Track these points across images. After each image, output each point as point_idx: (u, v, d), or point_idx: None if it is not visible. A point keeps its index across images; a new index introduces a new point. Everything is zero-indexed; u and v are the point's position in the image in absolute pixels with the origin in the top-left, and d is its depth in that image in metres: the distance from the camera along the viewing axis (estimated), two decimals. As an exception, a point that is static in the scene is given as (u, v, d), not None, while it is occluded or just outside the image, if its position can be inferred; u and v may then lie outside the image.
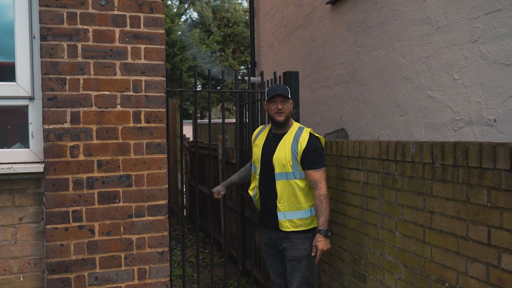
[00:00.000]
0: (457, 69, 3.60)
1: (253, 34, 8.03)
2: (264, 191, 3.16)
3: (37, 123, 2.60)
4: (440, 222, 2.40)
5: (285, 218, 3.04)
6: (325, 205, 2.96)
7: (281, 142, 3.09)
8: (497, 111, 3.28)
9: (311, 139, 3.05)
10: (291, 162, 3.01)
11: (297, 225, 3.05)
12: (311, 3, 5.95)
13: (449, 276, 2.35)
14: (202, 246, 6.81)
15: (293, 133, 3.11)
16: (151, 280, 2.69)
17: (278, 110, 3.06)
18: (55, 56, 2.51)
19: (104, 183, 2.60)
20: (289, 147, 3.04)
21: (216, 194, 3.40)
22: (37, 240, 2.56)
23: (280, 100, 3.06)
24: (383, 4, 4.46)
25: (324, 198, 2.97)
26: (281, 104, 3.06)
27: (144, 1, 2.64)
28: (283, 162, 3.03)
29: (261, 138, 3.27)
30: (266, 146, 3.17)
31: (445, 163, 2.37)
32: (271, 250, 3.23)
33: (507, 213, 2.01)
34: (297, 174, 3.04)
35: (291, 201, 3.04)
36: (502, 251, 2.04)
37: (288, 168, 3.02)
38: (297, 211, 3.06)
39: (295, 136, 3.08)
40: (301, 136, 3.06)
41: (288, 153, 3.03)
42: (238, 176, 3.52)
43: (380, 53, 4.53)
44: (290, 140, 3.06)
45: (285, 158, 3.02)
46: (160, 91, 2.70)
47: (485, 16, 3.34)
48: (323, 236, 2.95)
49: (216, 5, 19.25)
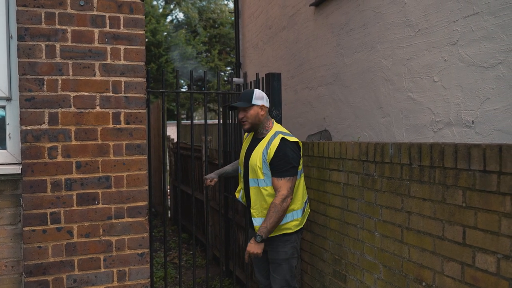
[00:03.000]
0: (436, 71, 3.66)
1: (238, 35, 8.04)
2: (246, 194, 3.15)
3: (15, 124, 2.58)
4: (418, 222, 2.44)
5: (258, 224, 3.00)
6: (270, 214, 2.86)
7: (257, 147, 3.04)
8: (475, 112, 3.33)
9: (281, 146, 2.94)
10: (262, 169, 2.95)
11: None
12: (295, 5, 5.99)
13: (426, 275, 2.38)
14: (186, 247, 6.79)
15: (268, 138, 3.04)
16: (130, 282, 2.67)
17: (241, 119, 3.04)
18: (33, 56, 2.49)
19: (83, 184, 2.59)
20: (261, 153, 2.98)
21: (209, 180, 3.33)
22: (14, 243, 2.53)
23: (241, 110, 3.02)
24: (365, 7, 4.51)
25: (273, 207, 2.86)
26: (242, 113, 3.02)
27: (124, 1, 2.63)
28: (254, 168, 2.98)
29: (247, 140, 3.24)
30: (247, 149, 3.14)
31: (422, 164, 2.40)
32: (256, 259, 3.20)
33: (481, 213, 2.05)
34: (268, 181, 2.96)
35: (263, 208, 2.99)
36: (476, 250, 2.08)
37: (259, 174, 2.96)
38: None
39: (268, 141, 3.00)
40: (272, 143, 2.97)
41: (259, 159, 2.97)
42: (232, 167, 3.47)
43: (362, 55, 4.58)
44: (263, 146, 3.00)
45: (256, 165, 2.97)
46: (140, 92, 2.69)
47: (464, 20, 3.39)
48: (255, 241, 2.86)
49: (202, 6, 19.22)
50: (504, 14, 3.08)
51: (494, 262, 1.98)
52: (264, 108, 3.05)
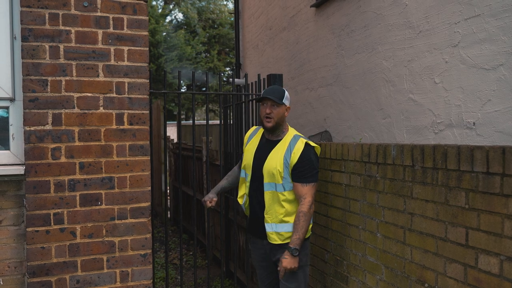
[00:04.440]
0: (438, 73, 3.67)
1: (238, 36, 8.05)
2: (254, 199, 2.97)
3: (18, 125, 2.58)
4: (420, 224, 2.45)
5: (272, 230, 2.87)
6: (301, 224, 2.77)
7: (274, 150, 2.89)
8: (476, 114, 3.34)
9: (306, 151, 2.83)
10: (282, 174, 2.82)
11: (285, 237, 2.86)
12: (295, 6, 5.99)
13: (429, 276, 2.39)
14: (186, 248, 6.79)
15: (287, 141, 2.90)
16: (133, 283, 2.68)
17: (267, 115, 2.86)
18: (37, 57, 2.49)
19: (86, 185, 2.59)
20: (281, 157, 2.83)
21: (209, 202, 3.13)
22: (18, 243, 2.54)
23: (271, 104, 2.86)
24: (366, 8, 4.52)
25: (303, 216, 2.77)
26: (271, 108, 2.85)
27: (128, 2, 2.64)
28: (273, 172, 2.83)
29: (253, 142, 3.06)
30: (258, 153, 2.96)
31: (425, 166, 2.41)
32: (263, 261, 3.08)
33: (484, 214, 2.06)
34: (287, 185, 2.84)
35: (279, 213, 2.85)
36: (479, 252, 2.09)
37: (278, 179, 2.83)
38: (285, 223, 2.87)
39: (289, 145, 2.87)
40: (296, 146, 2.84)
41: (280, 163, 2.83)
42: (227, 181, 3.29)
43: (363, 56, 4.59)
44: (283, 149, 2.86)
45: (276, 169, 2.82)
46: (143, 93, 2.69)
47: (465, 21, 3.40)
48: (290, 255, 2.75)
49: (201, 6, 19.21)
50: (505, 16, 3.09)
51: (497, 263, 1.99)
52: (288, 110, 2.95)
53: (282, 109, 2.88)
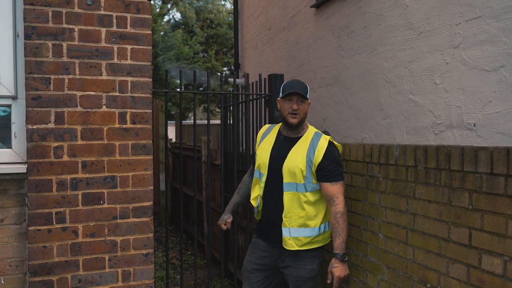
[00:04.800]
0: (438, 74, 3.67)
1: (237, 36, 8.04)
2: (270, 202, 2.76)
3: (20, 123, 2.56)
4: (423, 224, 2.45)
5: (290, 235, 2.67)
6: (341, 225, 2.61)
7: (295, 148, 2.71)
8: (477, 115, 3.35)
9: (330, 148, 2.69)
10: (304, 173, 2.63)
11: (303, 243, 2.69)
12: (295, 6, 5.99)
13: (431, 276, 2.39)
14: (184, 248, 6.79)
15: (308, 138, 2.72)
16: (135, 282, 2.67)
17: (293, 111, 2.67)
18: (40, 55, 2.48)
19: (88, 184, 2.58)
20: (303, 154, 2.65)
21: (224, 224, 2.95)
22: (19, 242, 2.52)
23: (297, 100, 2.68)
24: (367, 9, 4.52)
25: (341, 216, 2.62)
26: (297, 104, 2.68)
27: (131, 1, 2.62)
28: (294, 171, 2.64)
29: (268, 140, 2.86)
30: (276, 150, 2.77)
31: (428, 166, 2.41)
32: (263, 265, 2.85)
33: (488, 215, 2.06)
34: (309, 186, 2.66)
35: (299, 216, 2.67)
36: (482, 252, 2.09)
37: (299, 178, 2.64)
38: (304, 228, 2.69)
39: (312, 142, 2.69)
40: (319, 144, 2.68)
41: (302, 161, 2.64)
42: (239, 194, 3.06)
43: (363, 57, 4.59)
44: (306, 147, 2.68)
45: (298, 167, 2.64)
46: (146, 92, 2.68)
47: (466, 23, 3.41)
48: (339, 261, 2.60)
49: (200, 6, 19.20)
50: (507, 18, 3.09)
51: (501, 264, 2.00)
52: (309, 106, 2.80)
53: (307, 105, 2.74)
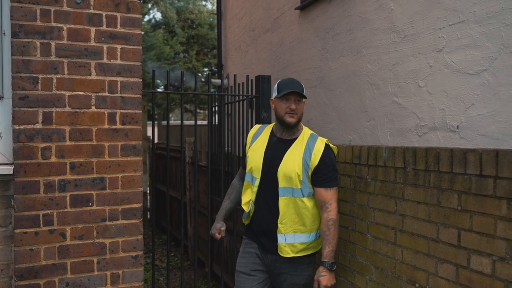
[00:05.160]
0: (422, 77, 3.72)
1: (220, 37, 8.01)
2: (264, 207, 2.61)
3: (6, 123, 2.49)
4: (412, 225, 2.48)
5: (285, 242, 2.55)
6: (332, 233, 2.51)
7: (290, 150, 2.57)
8: (460, 118, 3.41)
9: (327, 151, 2.58)
10: (301, 177, 2.51)
11: (298, 250, 2.58)
12: (279, 8, 6.01)
13: (420, 276, 2.42)
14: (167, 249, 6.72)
15: (304, 140, 2.60)
16: (124, 285, 2.62)
17: (291, 111, 2.53)
18: (27, 54, 2.41)
19: (77, 185, 2.52)
20: (300, 157, 2.52)
21: (218, 233, 2.80)
22: (4, 245, 2.45)
23: (295, 99, 2.54)
24: (351, 12, 4.56)
25: (333, 224, 2.52)
26: (295, 104, 2.55)
27: (121, 0, 2.58)
28: (290, 175, 2.51)
29: (260, 141, 2.69)
30: (270, 153, 2.61)
31: (417, 168, 2.44)
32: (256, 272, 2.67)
33: (477, 216, 2.10)
34: (305, 191, 2.54)
35: (294, 222, 2.55)
36: (471, 252, 2.12)
37: (296, 183, 2.51)
38: (300, 234, 2.57)
39: (308, 144, 2.56)
40: (315, 146, 2.56)
41: (298, 165, 2.51)
42: (230, 200, 2.90)
43: (347, 59, 4.62)
44: (302, 150, 2.55)
45: (294, 171, 2.50)
46: (136, 93, 2.64)
47: (450, 27, 3.47)
48: (327, 270, 2.50)
49: (180, 6, 19.07)
50: (489, 23, 3.16)
51: (490, 264, 2.03)
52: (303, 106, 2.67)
53: (303, 105, 2.63)
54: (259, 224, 2.65)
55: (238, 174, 2.97)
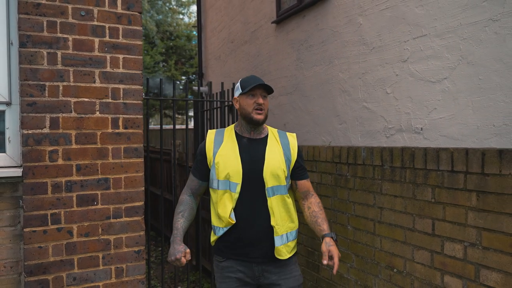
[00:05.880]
0: (389, 84, 3.80)
1: (200, 47, 7.96)
2: (250, 214, 2.20)
3: (14, 128, 2.40)
4: (389, 216, 2.53)
5: (282, 243, 2.21)
6: (324, 213, 2.28)
7: (269, 148, 2.25)
8: (423, 121, 3.50)
9: (298, 145, 2.39)
10: (285, 173, 2.24)
11: (291, 248, 2.28)
12: (257, 22, 6.02)
13: (397, 262, 2.48)
14: (154, 244, 6.63)
15: (275, 136, 2.32)
16: (128, 278, 2.57)
17: (258, 106, 2.19)
18: (35, 63, 2.33)
19: (82, 186, 2.46)
20: (281, 154, 2.25)
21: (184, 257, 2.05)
22: (14, 244, 2.36)
23: (261, 94, 2.22)
24: (324, 26, 4.62)
25: (321, 204, 2.33)
26: (263, 98, 2.24)
27: (123, 13, 2.53)
28: (278, 173, 2.21)
29: (228, 145, 2.27)
30: (247, 155, 2.24)
31: (393, 166, 2.50)
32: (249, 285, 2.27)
33: (449, 207, 2.17)
34: (287, 187, 2.29)
35: (285, 220, 2.25)
36: (445, 239, 2.19)
37: (282, 180, 2.23)
38: (290, 231, 2.27)
39: (282, 141, 2.31)
40: (290, 142, 2.34)
41: (282, 161, 2.24)
42: (185, 218, 2.27)
43: (321, 68, 4.68)
44: (279, 146, 2.28)
45: (280, 168, 2.22)
46: (137, 99, 2.60)
47: (413, 40, 3.56)
48: (334, 242, 2.16)
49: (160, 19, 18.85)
50: (449, 37, 3.26)
51: (461, 249, 2.10)
52: None
53: (268, 101, 2.31)
54: (245, 234, 2.21)
55: (187, 188, 2.38)
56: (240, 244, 2.22)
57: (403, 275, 2.40)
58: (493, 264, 1.94)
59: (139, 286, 2.59)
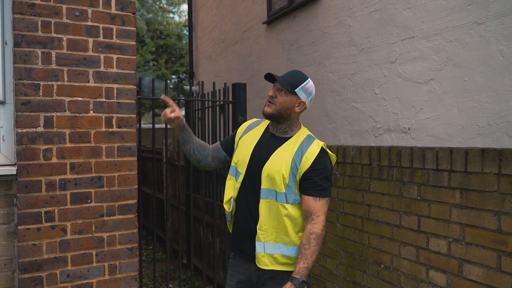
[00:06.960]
0: (378, 85, 3.88)
1: (191, 47, 7.99)
2: (245, 207, 2.12)
3: (8, 127, 2.43)
4: (377, 214, 2.61)
5: (264, 252, 2.03)
6: (312, 248, 1.95)
7: (280, 149, 2.08)
8: (410, 121, 3.58)
9: (322, 157, 2.05)
10: (286, 180, 2.02)
11: (280, 263, 2.04)
12: (247, 22, 6.07)
13: (385, 258, 2.55)
14: (145, 243, 6.65)
15: (298, 141, 2.09)
16: (121, 275, 2.61)
17: (269, 98, 2.07)
18: (29, 62, 2.36)
19: (76, 184, 2.49)
20: (289, 159, 2.04)
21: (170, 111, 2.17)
22: (7, 241, 2.38)
23: (278, 87, 2.07)
24: (314, 27, 4.69)
25: (315, 238, 1.96)
26: (277, 92, 2.07)
27: (117, 14, 2.57)
28: (274, 177, 2.03)
29: (253, 135, 2.20)
30: (259, 148, 2.13)
31: (381, 164, 2.57)
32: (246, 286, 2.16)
33: (434, 204, 2.25)
34: (290, 197, 2.03)
35: (276, 230, 2.03)
36: (430, 235, 2.27)
37: (279, 186, 2.02)
38: (282, 244, 2.03)
39: (302, 146, 2.07)
40: (309, 149, 2.05)
41: (286, 167, 2.03)
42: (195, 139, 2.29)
43: (311, 69, 4.75)
44: (293, 150, 2.06)
45: (279, 172, 2.02)
46: (131, 98, 2.64)
47: (401, 42, 3.64)
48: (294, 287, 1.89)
49: (150, 18, 18.80)
50: (435, 39, 3.34)
51: (446, 245, 2.19)
52: (301, 106, 2.11)
53: (292, 100, 2.05)
54: (241, 227, 2.15)
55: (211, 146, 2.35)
56: (240, 238, 2.16)
57: (390, 270, 2.47)
58: (475, 259, 2.02)
59: (132, 282, 2.64)
